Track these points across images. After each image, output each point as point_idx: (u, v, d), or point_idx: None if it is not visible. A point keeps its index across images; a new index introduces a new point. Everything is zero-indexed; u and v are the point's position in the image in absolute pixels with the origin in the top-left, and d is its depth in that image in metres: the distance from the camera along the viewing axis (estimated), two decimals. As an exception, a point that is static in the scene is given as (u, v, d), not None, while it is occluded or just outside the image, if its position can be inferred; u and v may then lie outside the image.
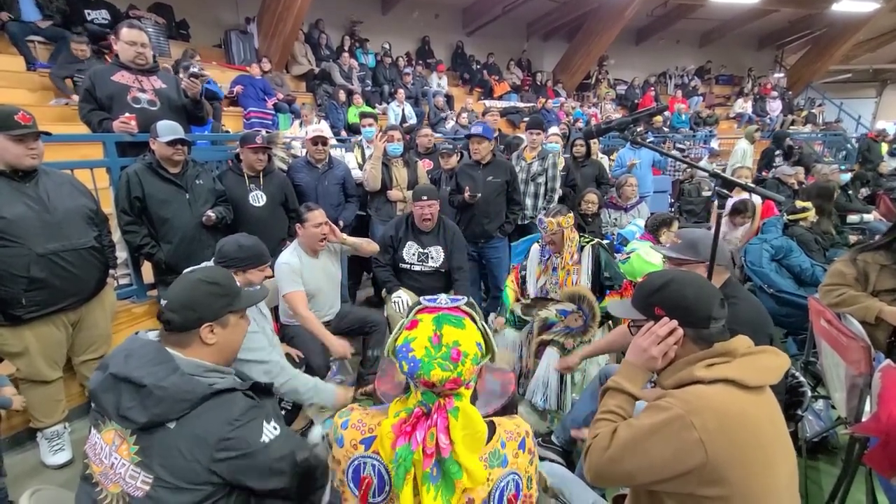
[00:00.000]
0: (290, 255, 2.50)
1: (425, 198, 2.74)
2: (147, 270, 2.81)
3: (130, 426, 1.04)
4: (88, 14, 5.53)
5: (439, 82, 9.01)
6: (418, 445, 0.83)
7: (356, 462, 0.91)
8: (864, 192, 6.10)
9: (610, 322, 2.43)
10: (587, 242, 2.51)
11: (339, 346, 2.40)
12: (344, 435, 0.94)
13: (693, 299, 1.09)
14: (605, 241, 2.77)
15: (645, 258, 2.93)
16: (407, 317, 0.97)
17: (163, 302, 1.18)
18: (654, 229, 3.20)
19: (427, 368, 0.85)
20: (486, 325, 0.97)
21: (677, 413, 0.95)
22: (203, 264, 2.00)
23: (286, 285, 2.42)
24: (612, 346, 2.13)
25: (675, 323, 1.08)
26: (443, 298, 0.98)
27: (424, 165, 3.93)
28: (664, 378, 1.11)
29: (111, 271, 2.35)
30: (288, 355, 2.28)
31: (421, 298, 0.99)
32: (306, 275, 2.50)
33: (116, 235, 2.54)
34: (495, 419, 0.97)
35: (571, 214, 2.49)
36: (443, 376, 0.85)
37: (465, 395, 0.92)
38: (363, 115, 4.51)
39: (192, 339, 1.17)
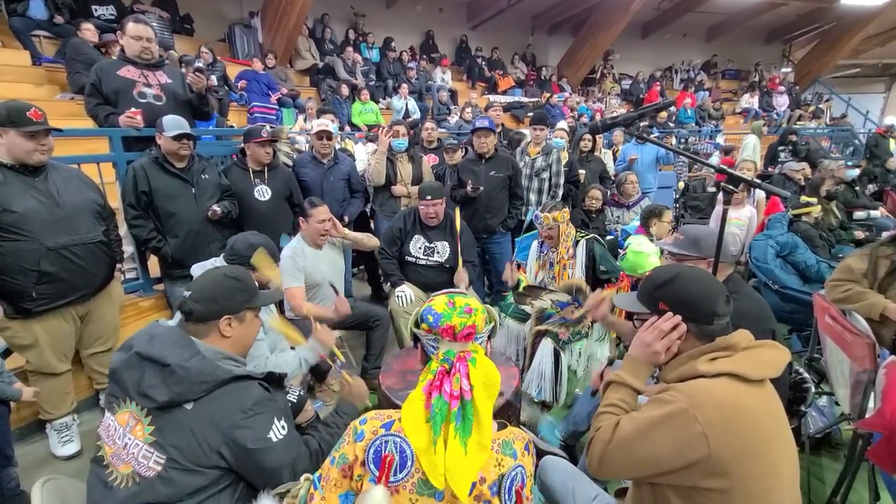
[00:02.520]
0: (295, 248, 2.52)
1: (430, 197, 2.75)
2: (153, 264, 2.83)
3: (149, 404, 1.08)
4: (95, 10, 5.54)
5: (443, 77, 8.97)
6: (448, 393, 0.95)
7: (377, 442, 0.95)
8: (872, 188, 6.06)
9: (628, 311, 2.42)
10: (582, 237, 2.53)
11: (337, 305, 2.36)
12: (364, 429, 0.98)
13: (698, 295, 1.09)
14: (608, 238, 2.77)
15: (637, 250, 2.91)
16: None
17: (186, 293, 1.23)
18: (643, 220, 3.17)
19: (448, 317, 1.03)
20: (489, 307, 1.14)
21: (681, 406, 0.96)
22: (212, 260, 2.03)
23: (287, 280, 2.44)
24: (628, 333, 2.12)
25: (678, 318, 1.09)
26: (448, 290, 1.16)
27: (430, 160, 3.93)
28: (667, 372, 1.11)
29: (118, 265, 2.37)
30: (292, 348, 2.30)
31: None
32: (310, 266, 2.53)
33: (123, 230, 2.56)
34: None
35: (567, 209, 2.51)
36: (461, 321, 1.02)
37: (480, 350, 1.04)
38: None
39: (211, 330, 1.22)
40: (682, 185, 5.40)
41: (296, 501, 1.04)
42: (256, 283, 1.39)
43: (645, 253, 2.79)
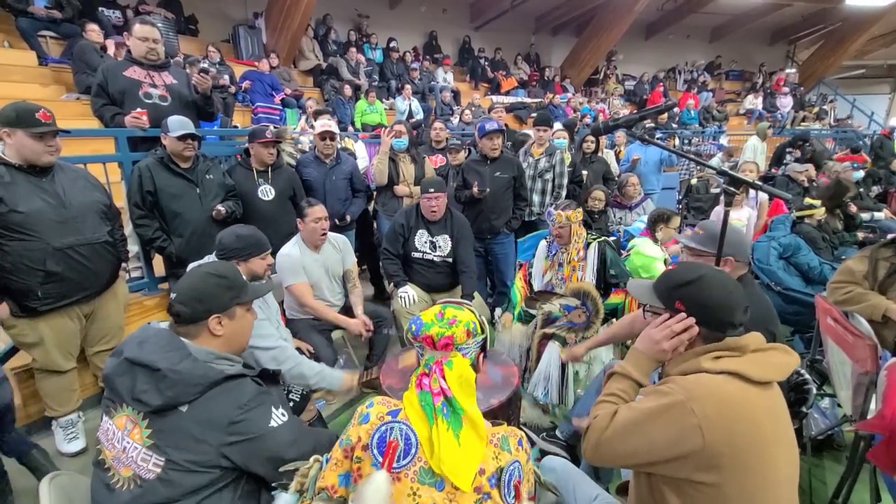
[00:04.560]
0: (291, 248, 2.54)
1: (432, 190, 2.76)
2: (158, 263, 2.85)
3: (144, 409, 1.08)
4: (103, 12, 5.58)
5: (444, 76, 8.97)
6: (427, 388, 1.02)
7: (383, 428, 0.98)
8: (876, 189, 6.03)
9: (613, 320, 2.44)
10: (594, 239, 2.52)
11: (355, 324, 2.51)
12: (370, 412, 1.01)
13: (717, 302, 1.06)
14: (611, 239, 2.77)
15: (644, 253, 2.92)
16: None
17: (172, 295, 1.22)
18: (650, 224, 3.18)
19: (428, 326, 1.08)
20: (484, 320, 1.15)
21: (678, 398, 0.97)
22: (206, 258, 2.04)
23: (289, 277, 2.46)
24: (615, 338, 2.14)
25: (691, 321, 1.07)
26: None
27: (438, 161, 3.95)
28: (671, 366, 1.12)
29: (123, 264, 2.39)
30: (298, 349, 2.32)
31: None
32: (307, 268, 2.53)
33: (128, 229, 2.58)
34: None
35: (580, 209, 2.51)
36: (439, 331, 1.06)
37: (459, 357, 1.07)
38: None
39: (201, 331, 1.21)
40: (694, 181, 5.41)
41: (306, 481, 1.06)
42: (244, 277, 1.38)
43: (652, 257, 2.80)
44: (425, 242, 2.86)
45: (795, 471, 1.04)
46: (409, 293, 2.78)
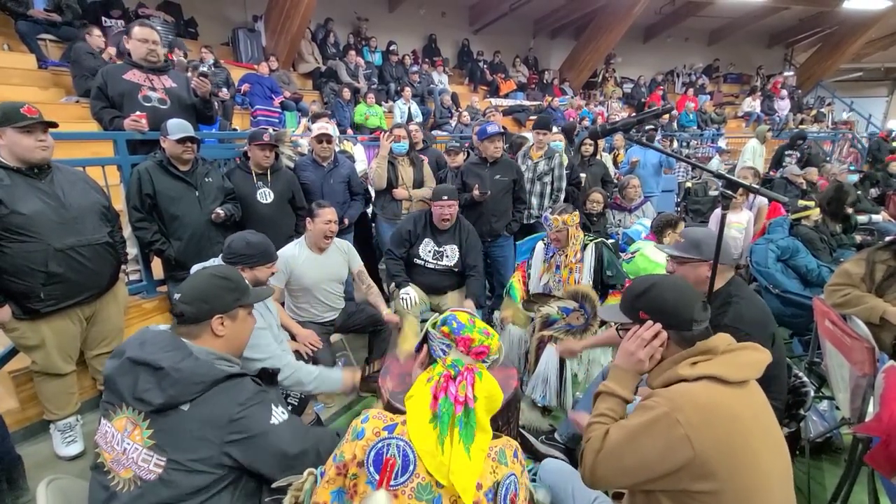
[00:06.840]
0: (292, 248, 2.54)
1: (445, 197, 2.76)
2: (157, 266, 2.85)
3: (145, 408, 1.08)
4: (105, 21, 5.59)
5: (440, 78, 8.98)
6: (454, 396, 0.99)
7: (379, 445, 0.96)
8: (874, 192, 6.04)
9: (612, 322, 2.44)
10: (591, 241, 2.52)
11: (305, 335, 2.45)
12: (365, 427, 0.99)
13: (674, 303, 1.12)
14: (610, 241, 2.78)
15: (650, 257, 2.94)
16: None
17: (176, 295, 1.23)
18: (658, 230, 3.19)
19: (470, 329, 1.09)
20: (501, 345, 1.17)
21: (663, 411, 0.98)
22: (211, 260, 2.04)
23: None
24: (614, 342, 2.15)
25: (658, 326, 1.12)
26: None
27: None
28: (652, 379, 1.14)
29: (122, 266, 2.38)
30: (296, 351, 2.31)
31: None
32: (302, 268, 2.53)
33: (127, 231, 2.58)
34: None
35: (577, 213, 2.51)
36: (480, 339, 1.09)
37: (486, 371, 1.07)
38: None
39: (203, 331, 1.23)
40: (689, 184, 5.44)
41: (301, 494, 1.05)
42: (247, 282, 1.40)
43: (656, 262, 2.81)
44: (429, 252, 2.86)
45: (787, 468, 1.05)
46: (410, 295, 2.78)
